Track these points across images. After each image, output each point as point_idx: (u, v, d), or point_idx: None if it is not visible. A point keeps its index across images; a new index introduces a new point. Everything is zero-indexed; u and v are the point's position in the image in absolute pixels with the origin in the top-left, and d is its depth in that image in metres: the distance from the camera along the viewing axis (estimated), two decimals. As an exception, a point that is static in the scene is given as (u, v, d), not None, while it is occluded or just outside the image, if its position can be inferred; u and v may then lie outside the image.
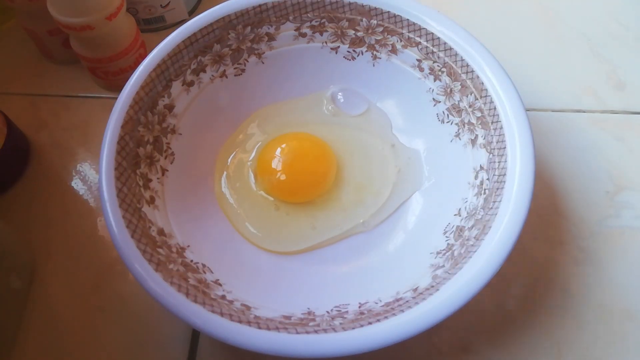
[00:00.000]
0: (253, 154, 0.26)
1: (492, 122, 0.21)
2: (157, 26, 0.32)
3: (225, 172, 0.25)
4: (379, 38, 0.25)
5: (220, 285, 0.20)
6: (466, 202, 0.22)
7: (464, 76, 0.23)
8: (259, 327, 0.17)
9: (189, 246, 0.21)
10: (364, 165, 0.26)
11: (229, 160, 0.26)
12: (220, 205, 0.24)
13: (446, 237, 0.21)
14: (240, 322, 0.17)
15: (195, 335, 0.22)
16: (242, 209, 0.24)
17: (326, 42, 0.26)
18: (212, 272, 0.21)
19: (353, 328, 0.17)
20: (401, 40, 0.25)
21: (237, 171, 0.25)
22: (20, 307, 0.23)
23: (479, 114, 0.22)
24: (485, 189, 0.21)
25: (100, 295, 0.23)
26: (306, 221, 0.24)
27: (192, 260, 0.21)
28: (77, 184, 0.27)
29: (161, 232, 0.20)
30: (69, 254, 0.24)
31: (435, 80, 0.24)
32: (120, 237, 0.18)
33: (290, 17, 0.25)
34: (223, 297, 0.19)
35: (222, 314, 0.17)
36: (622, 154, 0.27)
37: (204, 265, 0.21)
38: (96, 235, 0.25)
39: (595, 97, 0.29)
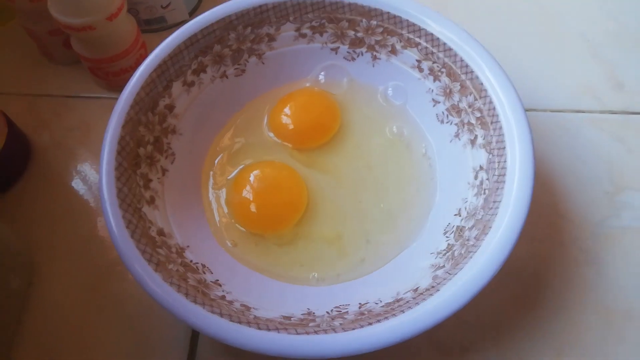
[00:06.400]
0: (233, 173, 0.24)
1: (491, 123, 0.21)
2: (158, 27, 0.32)
3: (211, 179, 0.24)
4: (378, 39, 0.25)
5: (220, 285, 0.20)
6: (466, 202, 0.22)
7: (463, 77, 0.23)
8: (259, 328, 0.17)
9: (188, 246, 0.21)
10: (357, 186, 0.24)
11: (216, 162, 0.24)
12: (206, 215, 0.23)
13: (446, 237, 0.21)
14: (240, 322, 0.17)
15: (195, 336, 0.22)
16: (224, 227, 0.22)
17: (326, 43, 0.26)
18: (212, 273, 0.21)
19: (353, 329, 0.17)
20: (401, 41, 0.25)
21: (222, 178, 0.24)
22: (20, 307, 0.23)
23: (478, 114, 0.22)
24: (485, 189, 0.21)
25: (99, 296, 0.23)
26: (297, 260, 0.22)
27: (191, 261, 0.20)
28: (77, 184, 0.27)
29: (161, 232, 0.20)
30: (68, 254, 0.24)
31: (434, 80, 0.24)
32: (120, 238, 0.18)
33: (291, 18, 0.25)
34: (223, 297, 0.19)
35: (221, 315, 0.17)
36: (621, 154, 0.27)
37: (203, 266, 0.21)
38: (96, 236, 0.25)
39: (594, 97, 0.29)
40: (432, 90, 0.25)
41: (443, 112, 0.24)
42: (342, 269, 0.22)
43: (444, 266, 0.20)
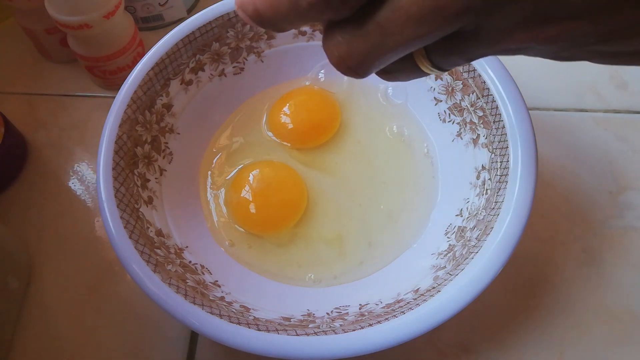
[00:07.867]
0: (232, 173, 0.24)
1: (493, 122, 0.21)
2: (156, 24, 0.32)
3: (209, 179, 0.24)
4: (379, 36, 0.25)
5: (219, 286, 0.20)
6: (468, 202, 0.22)
7: (465, 75, 0.23)
8: (259, 329, 0.17)
9: (187, 247, 0.21)
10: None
11: (214, 161, 0.24)
12: (205, 215, 0.23)
13: (447, 237, 0.21)
14: (239, 323, 0.17)
15: (194, 337, 0.22)
16: (222, 227, 0.22)
17: (326, 41, 0.26)
18: (211, 274, 0.21)
19: (354, 330, 0.17)
20: (402, 39, 0.24)
21: (220, 178, 0.24)
22: (18, 308, 0.22)
23: (480, 113, 0.22)
24: (487, 189, 0.21)
25: (97, 296, 0.23)
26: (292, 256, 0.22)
27: (190, 262, 0.20)
28: (74, 184, 0.26)
29: (159, 232, 0.20)
30: (66, 255, 0.24)
31: (436, 79, 0.24)
32: (118, 238, 0.18)
33: (290, 16, 0.25)
34: (222, 298, 0.19)
35: (221, 316, 0.17)
36: (625, 154, 0.27)
37: (202, 267, 0.21)
38: (94, 236, 0.25)
39: (598, 97, 0.29)
40: (434, 89, 0.24)
41: (445, 111, 0.24)
42: (340, 270, 0.22)
43: (445, 267, 0.19)
